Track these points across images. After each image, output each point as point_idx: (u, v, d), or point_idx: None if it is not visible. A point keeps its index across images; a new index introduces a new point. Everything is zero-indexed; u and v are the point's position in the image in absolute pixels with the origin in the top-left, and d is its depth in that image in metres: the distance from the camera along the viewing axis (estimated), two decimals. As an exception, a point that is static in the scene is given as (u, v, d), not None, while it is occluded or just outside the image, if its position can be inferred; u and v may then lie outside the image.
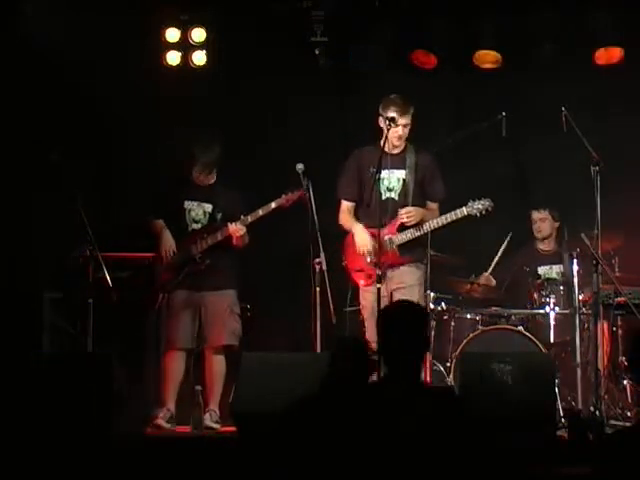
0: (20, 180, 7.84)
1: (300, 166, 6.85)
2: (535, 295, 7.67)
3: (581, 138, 6.76)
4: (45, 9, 7.71)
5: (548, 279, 7.80)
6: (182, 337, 7.00)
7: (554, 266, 8.05)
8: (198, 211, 7.18)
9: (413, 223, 6.78)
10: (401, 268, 6.84)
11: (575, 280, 7.06)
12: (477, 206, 6.71)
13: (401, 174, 6.86)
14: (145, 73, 8.18)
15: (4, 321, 7.07)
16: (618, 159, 7.51)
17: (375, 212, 6.67)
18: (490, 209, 6.73)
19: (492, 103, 7.72)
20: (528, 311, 7.68)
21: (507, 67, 8.28)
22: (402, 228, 6.83)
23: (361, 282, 6.87)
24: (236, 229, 6.98)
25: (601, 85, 8.25)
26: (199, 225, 7.16)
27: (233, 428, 6.10)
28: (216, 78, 8.44)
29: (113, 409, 5.81)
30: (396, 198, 6.86)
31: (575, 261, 7.04)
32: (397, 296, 6.70)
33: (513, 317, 7.67)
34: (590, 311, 7.18)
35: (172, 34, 8.31)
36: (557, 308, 7.53)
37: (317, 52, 8.21)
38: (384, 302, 6.59)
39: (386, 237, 6.76)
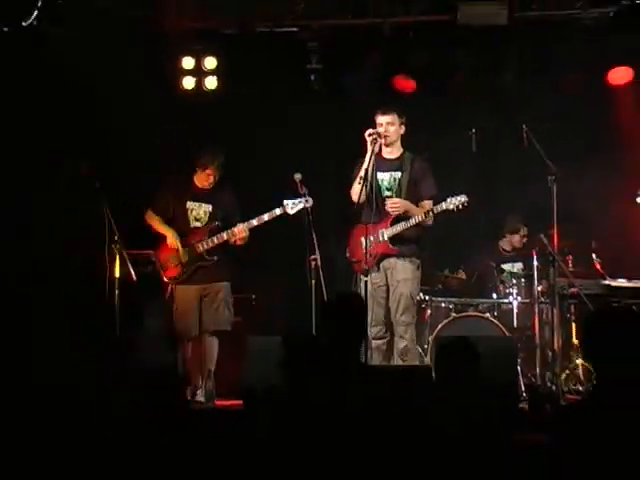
0: (53, 185, 8.01)
1: (298, 175, 7.19)
2: (500, 287, 8.14)
3: (539, 151, 7.20)
4: (74, 39, 7.77)
5: (511, 273, 8.22)
6: (191, 328, 7.38)
7: (515, 264, 8.47)
8: (199, 211, 7.47)
9: (397, 212, 7.04)
10: (397, 263, 7.08)
11: (535, 274, 7.51)
12: (454, 201, 6.93)
13: (397, 175, 7.15)
14: (164, 96, 8.53)
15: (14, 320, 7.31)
16: (575, 168, 7.89)
17: (375, 209, 7.01)
18: (466, 204, 6.94)
19: (464, 122, 8.00)
20: (494, 300, 8.16)
21: (475, 91, 8.73)
22: (393, 222, 7.11)
23: (359, 271, 7.05)
24: (242, 229, 7.28)
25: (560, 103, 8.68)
26: (200, 223, 7.45)
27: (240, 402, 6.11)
28: (225, 99, 8.74)
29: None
30: (393, 196, 7.14)
31: (535, 257, 7.47)
32: (391, 290, 7.08)
33: (481, 306, 8.13)
34: (547, 300, 7.64)
35: (187, 62, 8.72)
36: (519, 298, 8.04)
37: (313, 78, 8.56)
38: (382, 290, 7.08)
39: (380, 230, 7.10)
